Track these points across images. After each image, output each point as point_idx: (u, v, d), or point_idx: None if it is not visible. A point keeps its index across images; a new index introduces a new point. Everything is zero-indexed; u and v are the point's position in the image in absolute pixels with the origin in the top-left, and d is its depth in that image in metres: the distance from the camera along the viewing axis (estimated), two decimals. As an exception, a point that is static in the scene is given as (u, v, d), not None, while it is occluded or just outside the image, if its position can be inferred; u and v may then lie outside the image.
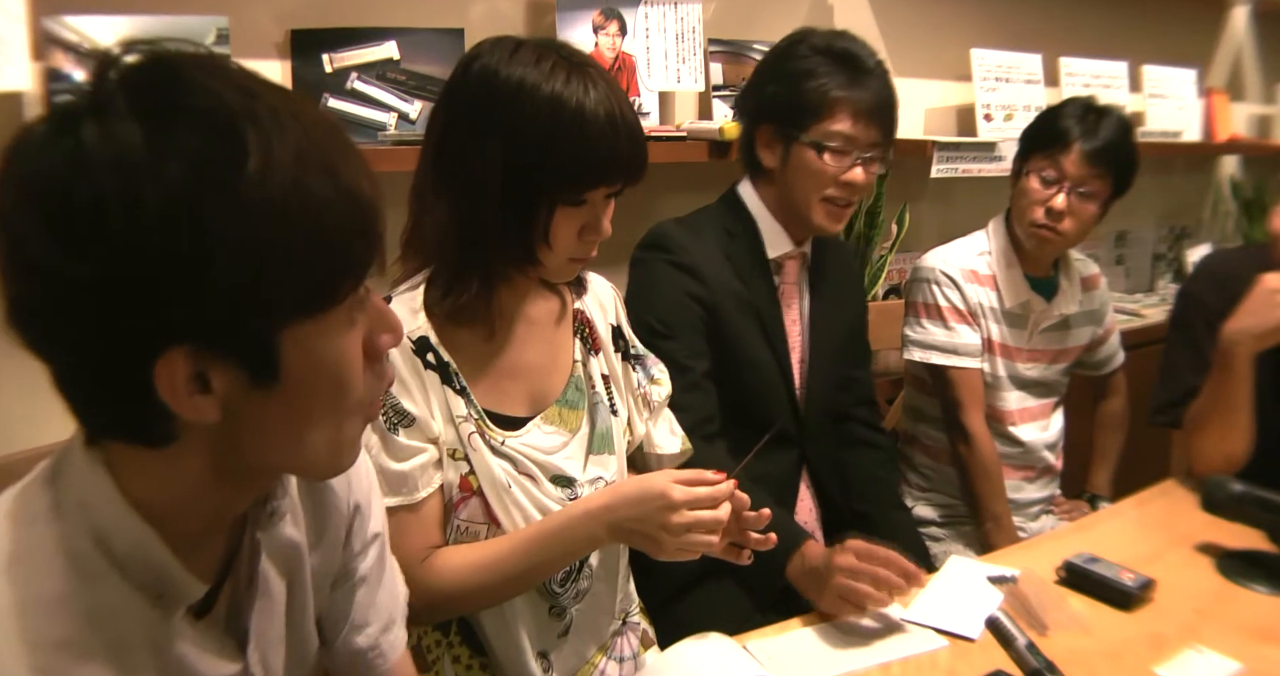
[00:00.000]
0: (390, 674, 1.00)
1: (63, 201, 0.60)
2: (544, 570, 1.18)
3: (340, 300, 0.68)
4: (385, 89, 1.93)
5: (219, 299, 0.61)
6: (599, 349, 1.33)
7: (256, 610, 0.82)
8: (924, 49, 2.84)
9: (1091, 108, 1.88)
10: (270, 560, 0.84)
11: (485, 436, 1.18)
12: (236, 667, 0.80)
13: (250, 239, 0.61)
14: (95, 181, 0.59)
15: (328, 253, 0.65)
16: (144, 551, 0.70)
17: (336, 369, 0.69)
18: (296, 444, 0.71)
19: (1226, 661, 1.20)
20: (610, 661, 1.32)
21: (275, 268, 0.62)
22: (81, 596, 0.68)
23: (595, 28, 2.16)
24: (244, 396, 0.66)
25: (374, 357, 0.74)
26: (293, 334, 0.66)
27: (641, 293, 1.59)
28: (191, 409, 0.64)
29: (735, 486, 1.13)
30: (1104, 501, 2.11)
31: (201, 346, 0.63)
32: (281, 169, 0.62)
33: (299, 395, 0.68)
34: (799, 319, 1.70)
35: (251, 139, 0.61)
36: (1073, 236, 1.89)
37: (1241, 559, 1.45)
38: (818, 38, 1.61)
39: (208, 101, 0.62)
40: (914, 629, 1.28)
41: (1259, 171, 3.89)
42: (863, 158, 1.57)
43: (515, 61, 1.10)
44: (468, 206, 1.12)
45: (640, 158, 1.14)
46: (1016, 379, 1.99)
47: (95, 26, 1.62)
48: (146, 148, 0.60)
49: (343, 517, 0.93)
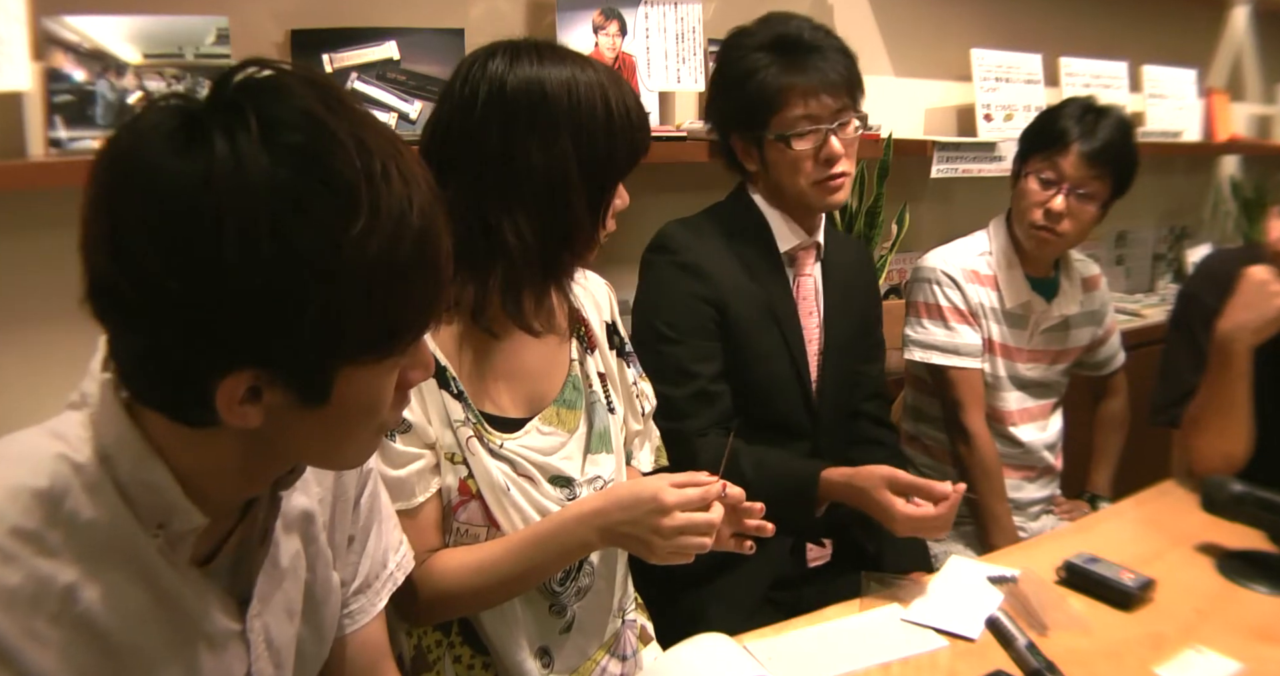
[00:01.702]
0: (356, 639, 1.00)
1: (184, 217, 0.62)
2: (539, 573, 1.19)
3: (402, 352, 0.73)
4: (385, 89, 1.93)
5: (298, 338, 0.65)
6: (595, 347, 1.33)
7: (264, 572, 0.84)
8: (924, 49, 2.84)
9: (1090, 108, 1.88)
10: (285, 528, 0.86)
11: (483, 440, 1.18)
12: (235, 628, 0.82)
13: (340, 292, 0.65)
14: (219, 205, 0.62)
15: (402, 312, 0.70)
16: (147, 473, 0.73)
17: (374, 401, 0.74)
18: (323, 451, 0.77)
19: (1226, 661, 1.20)
20: (612, 658, 1.32)
21: (354, 319, 0.67)
22: (66, 501, 0.71)
23: (595, 28, 2.16)
24: (288, 410, 0.70)
25: (403, 389, 0.78)
26: (349, 371, 0.70)
27: (649, 296, 1.60)
28: (239, 417, 0.68)
29: (725, 486, 1.14)
30: (1104, 501, 2.11)
31: (268, 372, 0.67)
32: (382, 233, 0.65)
33: (336, 416, 0.72)
34: (815, 311, 1.69)
35: (364, 199, 0.65)
36: (1072, 237, 1.89)
37: (1241, 559, 1.45)
38: (750, 34, 1.61)
39: (331, 149, 0.65)
40: (914, 629, 1.28)
41: (1259, 171, 3.89)
42: (831, 127, 1.56)
43: (548, 62, 1.14)
44: (555, 209, 1.14)
45: (649, 126, 1.21)
46: (1017, 379, 1.99)
47: (95, 26, 1.62)
48: (271, 187, 0.63)
49: (353, 479, 0.96)
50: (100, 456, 0.72)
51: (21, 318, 1.66)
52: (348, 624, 0.99)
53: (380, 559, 1.02)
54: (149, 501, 0.73)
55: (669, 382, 1.50)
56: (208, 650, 0.80)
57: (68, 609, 0.70)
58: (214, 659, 0.80)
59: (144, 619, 0.75)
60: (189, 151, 0.63)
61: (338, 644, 0.99)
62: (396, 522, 1.07)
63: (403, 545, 1.07)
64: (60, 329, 1.54)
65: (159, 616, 0.76)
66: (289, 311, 0.64)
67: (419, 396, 1.16)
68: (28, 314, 1.65)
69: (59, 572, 0.70)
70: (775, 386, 1.63)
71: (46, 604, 0.70)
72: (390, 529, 1.05)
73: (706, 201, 1.74)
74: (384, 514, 1.03)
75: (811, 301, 1.68)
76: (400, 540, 1.06)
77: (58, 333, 1.55)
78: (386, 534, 1.03)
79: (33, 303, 1.63)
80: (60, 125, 1.61)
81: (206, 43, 1.69)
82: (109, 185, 0.65)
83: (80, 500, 0.71)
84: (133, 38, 1.64)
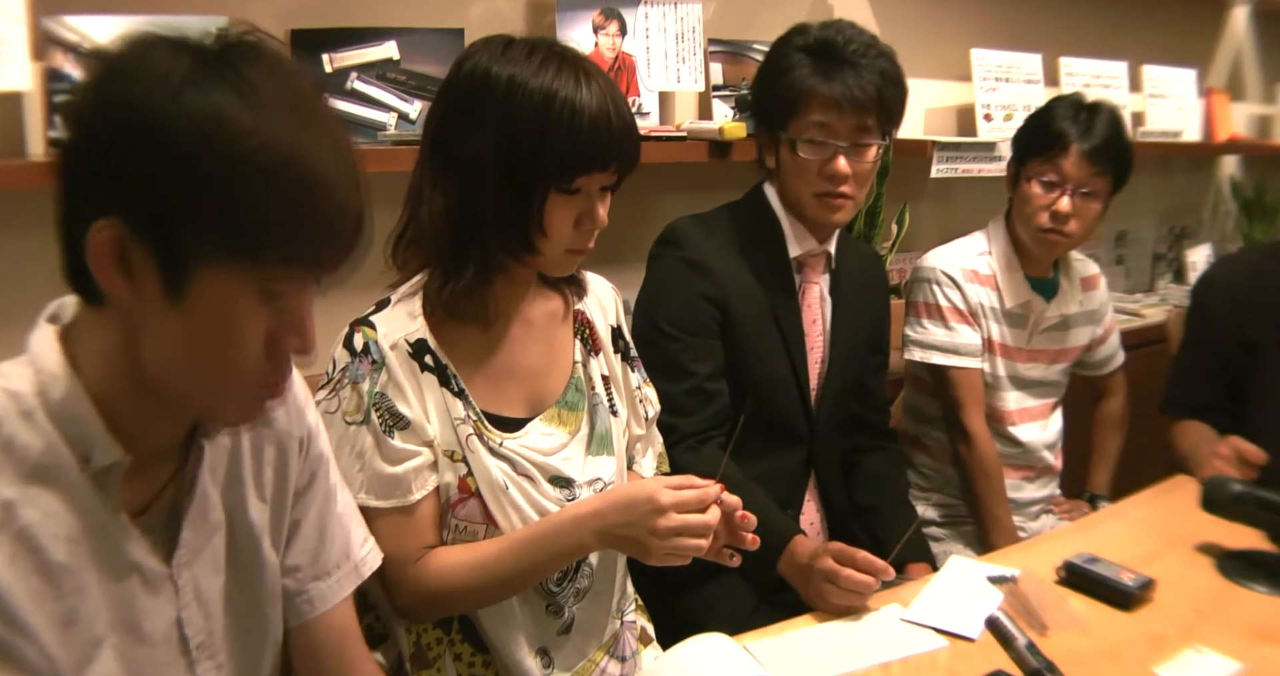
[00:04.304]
0: (319, 624, 1.02)
1: (108, 74, 0.74)
2: (536, 573, 1.19)
3: (258, 263, 0.75)
4: (385, 89, 1.93)
5: (162, 199, 0.71)
6: (599, 350, 1.33)
7: (190, 522, 0.87)
8: (924, 49, 2.83)
9: (1082, 106, 1.88)
10: (212, 478, 0.89)
11: (483, 438, 1.19)
12: (164, 571, 0.85)
13: (206, 159, 0.70)
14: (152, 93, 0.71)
15: (258, 216, 0.73)
16: (73, 404, 0.78)
17: (228, 327, 0.77)
18: (185, 374, 0.79)
19: (1226, 661, 1.20)
20: (612, 659, 1.32)
21: (205, 195, 0.71)
22: (3, 426, 0.76)
23: (595, 28, 2.16)
24: (153, 299, 0.74)
25: (276, 351, 0.80)
26: (209, 272, 0.74)
27: (653, 291, 1.60)
28: (109, 281, 0.74)
29: (722, 490, 1.14)
30: (1104, 501, 2.10)
31: (132, 228, 0.72)
32: (261, 135, 0.71)
33: (193, 327, 0.76)
34: (820, 319, 1.69)
35: (271, 102, 0.73)
36: (1079, 236, 1.89)
37: (1241, 559, 1.45)
38: (804, 33, 1.60)
39: (287, 69, 0.76)
40: (914, 629, 1.28)
41: (1259, 171, 3.89)
42: (841, 146, 1.55)
43: (507, 58, 1.13)
44: (464, 193, 1.14)
45: (632, 146, 1.16)
46: (1016, 379, 1.99)
47: (95, 26, 1.62)
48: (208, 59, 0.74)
49: (294, 464, 0.98)
50: (35, 390, 0.78)
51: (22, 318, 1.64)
52: (307, 609, 1.01)
53: (340, 550, 1.04)
54: (74, 433, 0.78)
55: (666, 378, 1.50)
56: (141, 586, 0.83)
57: (8, 523, 0.75)
58: (148, 597, 0.84)
59: (78, 545, 0.78)
60: (173, 55, 0.74)
61: (301, 628, 1.01)
62: (361, 521, 1.08)
63: (368, 542, 1.08)
64: (60, 329, 1.53)
65: (93, 545, 0.79)
66: (154, 166, 0.70)
67: (418, 393, 1.16)
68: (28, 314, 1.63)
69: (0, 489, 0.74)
70: (774, 388, 1.63)
71: None
72: (354, 525, 1.06)
73: (707, 201, 1.74)
74: (345, 510, 1.05)
75: (816, 309, 1.68)
76: (365, 537, 1.08)
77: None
78: (348, 528, 1.05)
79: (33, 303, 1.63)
80: (60, 125, 1.61)
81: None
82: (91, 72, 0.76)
83: (16, 425, 0.76)
84: (133, 38, 1.64)
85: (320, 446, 1.02)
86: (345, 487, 1.07)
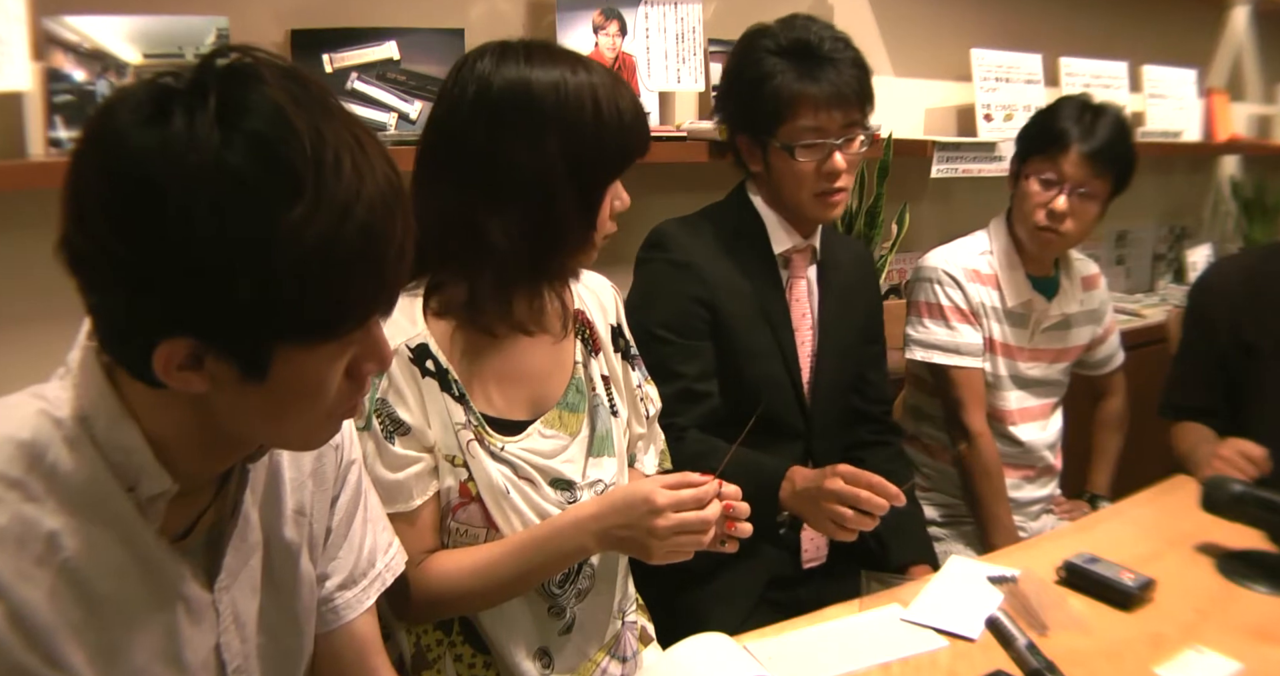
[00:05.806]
0: (343, 633, 1.01)
1: (132, 185, 0.65)
2: (536, 576, 1.19)
3: (339, 339, 0.73)
4: (385, 89, 1.93)
5: (231, 314, 0.67)
6: (599, 350, 1.33)
7: (232, 546, 0.85)
8: (924, 49, 2.84)
9: (1088, 107, 1.88)
10: (252, 498, 0.87)
11: (484, 443, 1.18)
12: (208, 597, 0.84)
13: (274, 274, 0.66)
14: (164, 178, 0.64)
15: (340, 301, 0.71)
16: (120, 433, 0.75)
17: (315, 386, 0.75)
18: (268, 429, 0.79)
19: (1226, 661, 1.20)
20: (612, 660, 1.32)
21: (287, 302, 0.68)
22: (48, 453, 0.73)
23: (595, 28, 2.16)
24: (232, 383, 0.72)
25: (357, 379, 0.79)
26: (287, 351, 0.71)
27: (643, 296, 1.59)
28: (180, 381, 0.71)
29: (720, 486, 1.14)
30: (1104, 501, 2.11)
31: (205, 342, 0.69)
32: (322, 221, 0.67)
33: (277, 395, 0.74)
34: (809, 313, 1.69)
35: (308, 187, 0.66)
36: (1075, 236, 1.89)
37: (1241, 559, 1.45)
38: (771, 35, 1.58)
39: (284, 136, 0.66)
40: (914, 629, 1.28)
41: (1259, 171, 3.89)
42: (836, 143, 1.55)
43: (533, 63, 1.13)
44: (540, 208, 1.14)
45: (646, 125, 1.21)
46: (1018, 378, 1.99)
47: (95, 26, 1.62)
48: (215, 166, 0.65)
49: (331, 473, 0.97)
50: (79, 416, 0.75)
51: (22, 317, 1.66)
52: (332, 618, 1.00)
53: (367, 558, 1.03)
54: (121, 461, 0.75)
55: (655, 380, 1.50)
56: (186, 615, 0.82)
57: (52, 555, 0.73)
58: (191, 626, 0.82)
59: (124, 574, 0.77)
60: (150, 124, 0.65)
61: (325, 638, 1.00)
62: (387, 525, 1.07)
63: (393, 547, 1.06)
64: (60, 329, 1.51)
65: (138, 574, 0.78)
66: (222, 288, 0.66)
67: (419, 399, 1.16)
68: (28, 314, 1.65)
69: (43, 519, 0.72)
70: (767, 386, 1.63)
71: (32, 546, 0.72)
72: (380, 530, 1.05)
73: (706, 201, 1.74)
74: (372, 515, 1.04)
75: (805, 303, 1.68)
76: (390, 542, 1.06)
77: (58, 332, 1.53)
78: (374, 534, 1.04)
79: (33, 302, 1.63)
80: (60, 125, 1.61)
81: (206, 43, 1.70)
82: (80, 145, 0.69)
83: (61, 453, 0.74)
84: (133, 38, 1.65)
85: (354, 451, 1.01)
86: (373, 491, 1.06)
